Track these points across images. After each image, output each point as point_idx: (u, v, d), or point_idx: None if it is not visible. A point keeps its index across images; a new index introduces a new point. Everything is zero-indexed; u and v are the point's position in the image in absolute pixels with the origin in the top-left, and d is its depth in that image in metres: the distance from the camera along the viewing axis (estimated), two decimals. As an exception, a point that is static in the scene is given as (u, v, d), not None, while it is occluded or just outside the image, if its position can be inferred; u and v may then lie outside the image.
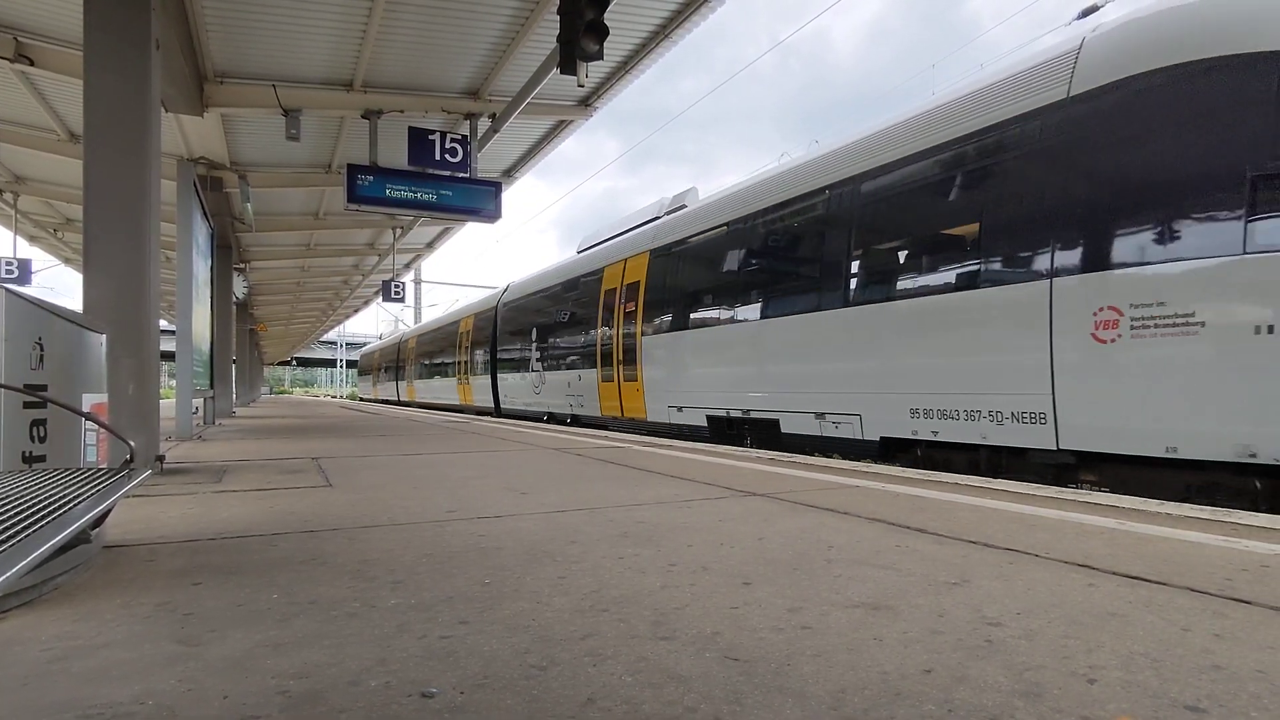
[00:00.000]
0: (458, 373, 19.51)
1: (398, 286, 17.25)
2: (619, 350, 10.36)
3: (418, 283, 41.01)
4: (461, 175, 8.69)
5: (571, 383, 11.89)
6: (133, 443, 2.30)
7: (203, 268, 9.05)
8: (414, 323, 35.17)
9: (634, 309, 10.01)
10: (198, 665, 1.41)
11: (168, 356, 7.54)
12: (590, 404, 11.26)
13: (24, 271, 14.77)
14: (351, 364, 55.47)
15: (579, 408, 11.70)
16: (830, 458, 5.15)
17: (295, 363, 76.97)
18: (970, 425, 5.33)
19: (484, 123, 8.70)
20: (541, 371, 13.43)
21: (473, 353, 18.29)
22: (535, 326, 14.08)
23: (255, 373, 32.94)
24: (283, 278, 20.50)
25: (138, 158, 4.60)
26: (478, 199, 8.85)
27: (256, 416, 14.70)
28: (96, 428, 2.74)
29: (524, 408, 14.41)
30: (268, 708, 1.23)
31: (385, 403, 30.21)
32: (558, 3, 5.62)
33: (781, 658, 1.44)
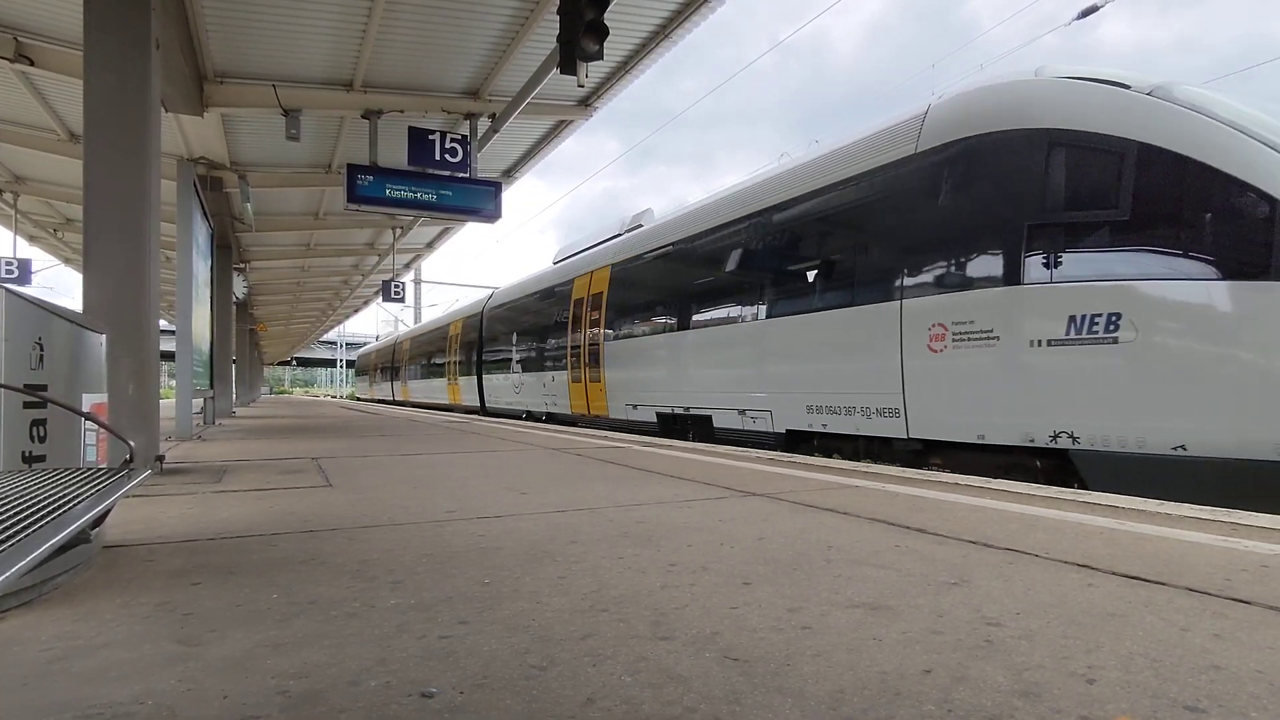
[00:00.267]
0: (447, 373, 20.36)
1: (398, 286, 17.25)
2: (586, 354, 11.34)
3: (418, 283, 41.00)
4: (461, 175, 8.69)
5: (546, 383, 12.91)
6: (132, 443, 2.30)
7: (203, 268, 9.05)
8: (414, 323, 35.25)
9: (598, 317, 11.03)
10: (197, 665, 1.41)
11: (168, 356, 7.54)
12: (562, 403, 12.20)
13: (24, 271, 14.76)
14: (351, 364, 55.52)
15: (553, 406, 12.67)
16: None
17: (295, 363, 76.96)
18: (849, 419, 6.37)
19: (484, 123, 8.70)
20: (521, 373, 14.45)
21: (461, 355, 19.16)
22: (516, 331, 15.11)
23: (255, 373, 32.94)
24: (282, 278, 20.50)
25: (138, 158, 4.60)
26: (478, 199, 8.85)
27: (256, 416, 14.70)
28: (96, 428, 2.74)
29: (506, 406, 15.36)
30: (267, 708, 1.23)
31: (381, 402, 30.77)
32: (558, 3, 5.63)
33: (781, 658, 1.44)
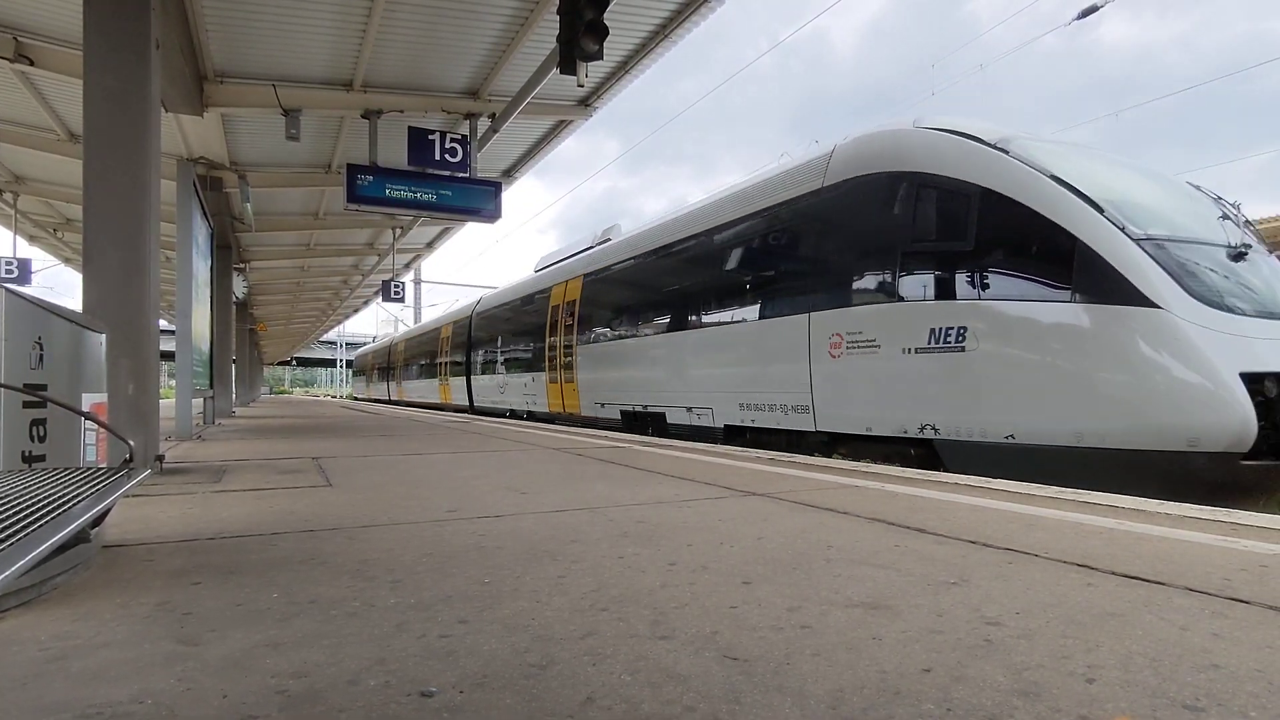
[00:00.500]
0: (439, 374, 21.38)
1: (397, 286, 17.26)
2: (561, 357, 12.30)
3: (418, 283, 41.01)
4: (461, 175, 8.69)
5: (527, 384, 13.92)
6: (132, 442, 2.30)
7: (202, 268, 9.04)
8: (414, 322, 35.33)
9: (571, 324, 11.98)
10: (197, 665, 1.41)
11: (167, 356, 7.55)
12: (541, 402, 13.17)
13: (24, 271, 14.77)
14: (351, 364, 55.57)
15: (533, 405, 13.63)
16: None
17: (295, 363, 76.92)
18: (772, 415, 7.26)
19: (484, 123, 8.71)
20: (505, 374, 15.52)
21: (451, 357, 20.14)
22: (500, 335, 16.17)
23: (255, 372, 32.93)
24: (282, 277, 20.50)
25: (138, 158, 4.60)
26: (477, 199, 8.85)
27: (256, 416, 14.70)
28: (96, 427, 2.74)
29: (492, 405, 16.27)
30: (267, 707, 1.23)
31: (378, 401, 31.45)
32: (558, 3, 5.63)
33: (780, 657, 1.44)
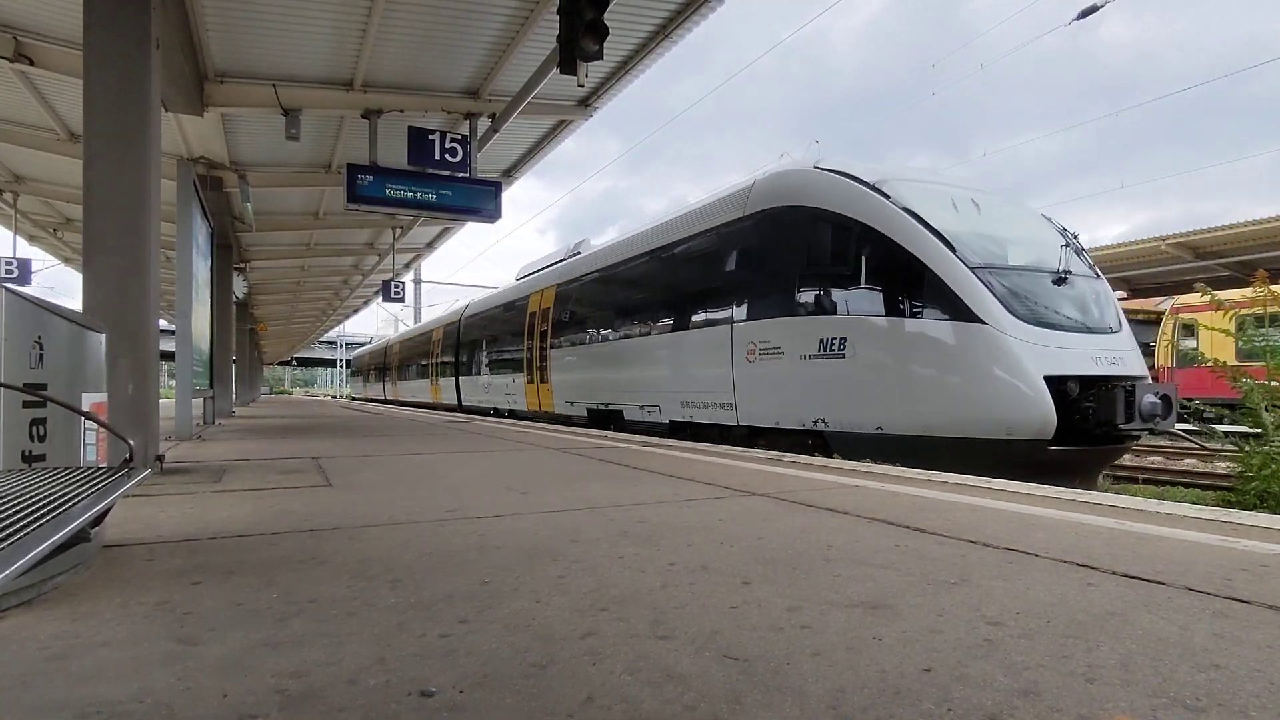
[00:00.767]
0: (431, 375, 22.47)
1: (397, 286, 17.27)
2: (537, 360, 13.33)
3: (418, 283, 40.97)
4: (461, 175, 8.68)
5: (508, 384, 15.02)
6: (132, 442, 2.30)
7: (203, 268, 9.04)
8: (414, 322, 35.40)
9: (546, 330, 13.04)
10: (196, 664, 1.41)
11: (167, 356, 7.54)
12: (520, 401, 14.23)
13: (24, 271, 14.78)
14: (350, 364, 55.61)
15: (513, 404, 14.67)
16: (821, 456, 6.21)
17: (295, 362, 76.88)
18: (705, 411, 8.37)
19: (484, 123, 8.70)
20: (489, 375, 16.68)
21: (442, 358, 21.17)
22: (485, 339, 17.30)
23: (255, 372, 32.92)
24: (282, 277, 20.50)
25: (138, 158, 4.60)
26: (478, 199, 8.85)
27: (256, 416, 14.69)
28: (96, 427, 2.74)
29: (478, 404, 17.34)
30: (266, 706, 1.23)
31: (374, 401, 32.33)
32: (557, 2, 5.62)
33: (781, 657, 1.44)
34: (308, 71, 7.75)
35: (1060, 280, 6.43)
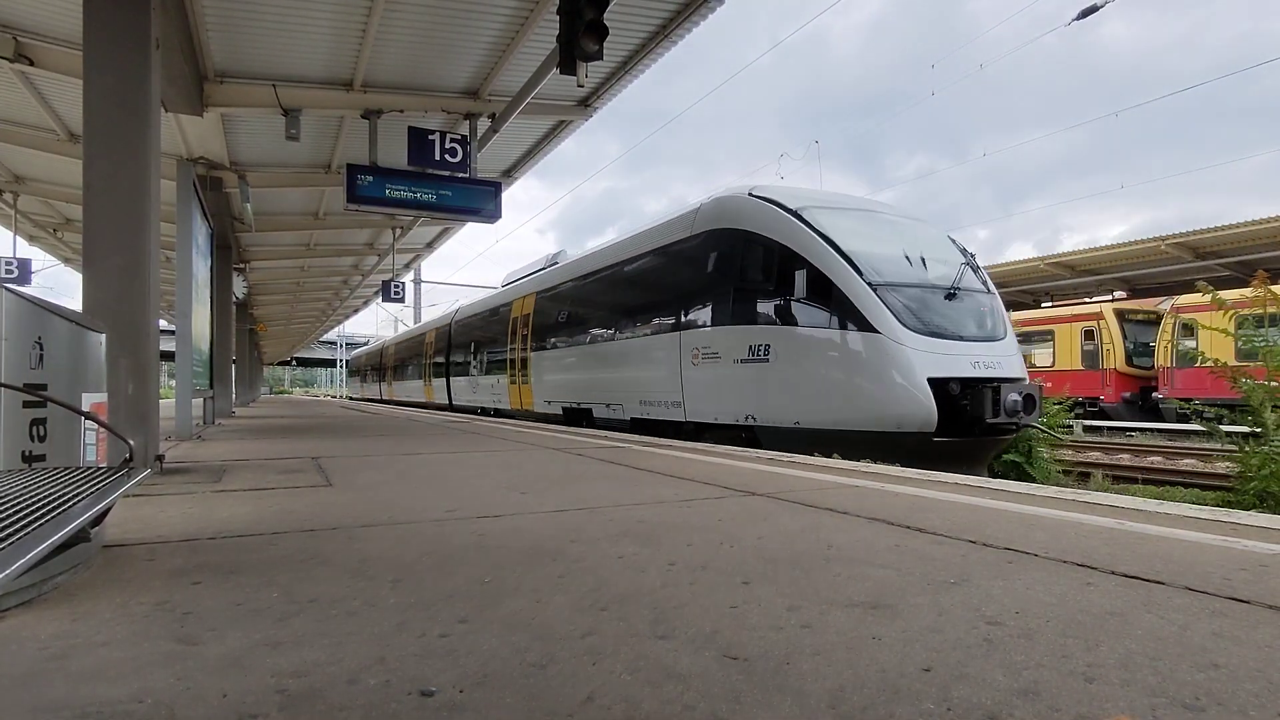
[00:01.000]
0: (423, 375, 23.40)
1: (397, 286, 17.26)
2: (519, 362, 14.24)
3: (417, 283, 40.92)
4: (461, 175, 8.68)
5: (494, 385, 15.92)
6: (132, 442, 2.30)
7: (202, 268, 9.04)
8: (413, 323, 35.47)
9: (526, 334, 13.96)
10: (196, 664, 1.41)
11: (167, 356, 7.53)
12: (504, 400, 15.06)
13: (24, 271, 14.77)
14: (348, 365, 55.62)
15: (499, 403, 15.48)
16: (824, 456, 6.06)
17: (295, 362, 76.85)
18: (660, 409, 9.22)
19: (484, 123, 8.70)
20: (477, 376, 17.51)
21: (433, 360, 22.06)
22: (473, 341, 18.13)
23: (255, 372, 32.92)
24: (282, 278, 20.49)
25: (138, 158, 4.59)
26: (477, 199, 8.85)
27: (256, 416, 14.69)
28: (96, 427, 2.74)
29: (467, 403, 18.17)
30: (266, 706, 1.23)
31: (370, 400, 33.17)
32: (557, 2, 5.62)
33: (780, 656, 1.44)
34: (307, 71, 7.75)
35: (951, 295, 7.42)
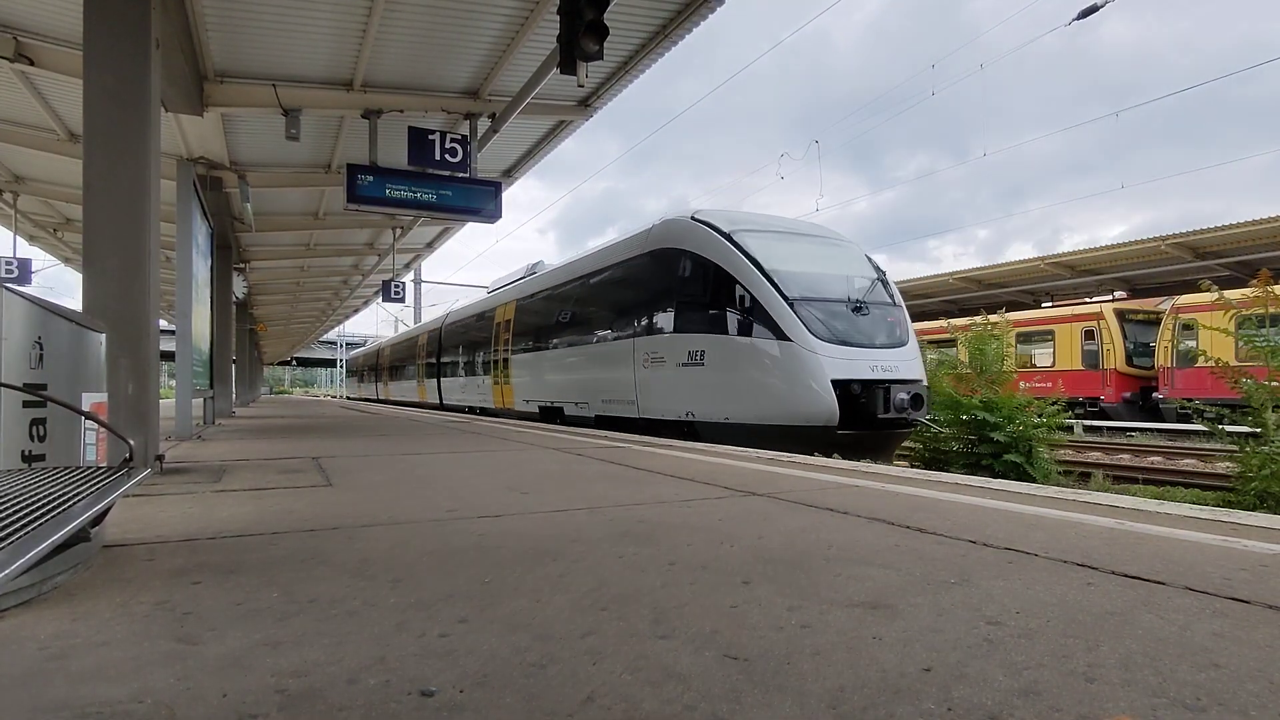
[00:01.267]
0: (417, 376, 24.43)
1: (397, 286, 17.28)
2: (501, 364, 15.37)
3: (418, 283, 40.87)
4: (461, 175, 8.68)
5: (479, 385, 17.05)
6: (132, 442, 2.30)
7: (202, 268, 9.04)
8: (413, 323, 35.53)
9: (508, 338, 15.08)
10: (196, 664, 1.41)
11: (167, 356, 7.53)
12: (488, 399, 16.13)
13: (24, 271, 14.77)
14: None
15: (483, 402, 16.59)
16: (824, 456, 6.19)
17: (295, 362, 76.85)
18: (619, 407, 10.24)
19: (484, 123, 8.70)
20: (464, 377, 18.60)
21: (425, 361, 23.09)
22: (461, 344, 19.14)
23: (255, 372, 32.91)
24: (282, 277, 20.49)
25: (137, 158, 4.59)
26: (478, 199, 8.85)
27: (256, 416, 14.69)
28: (96, 427, 2.74)
29: (456, 403, 19.17)
30: (266, 706, 1.23)
31: (367, 400, 34.11)
32: (557, 2, 5.62)
33: (780, 656, 1.44)
34: (308, 71, 7.75)
35: (858, 308, 8.50)
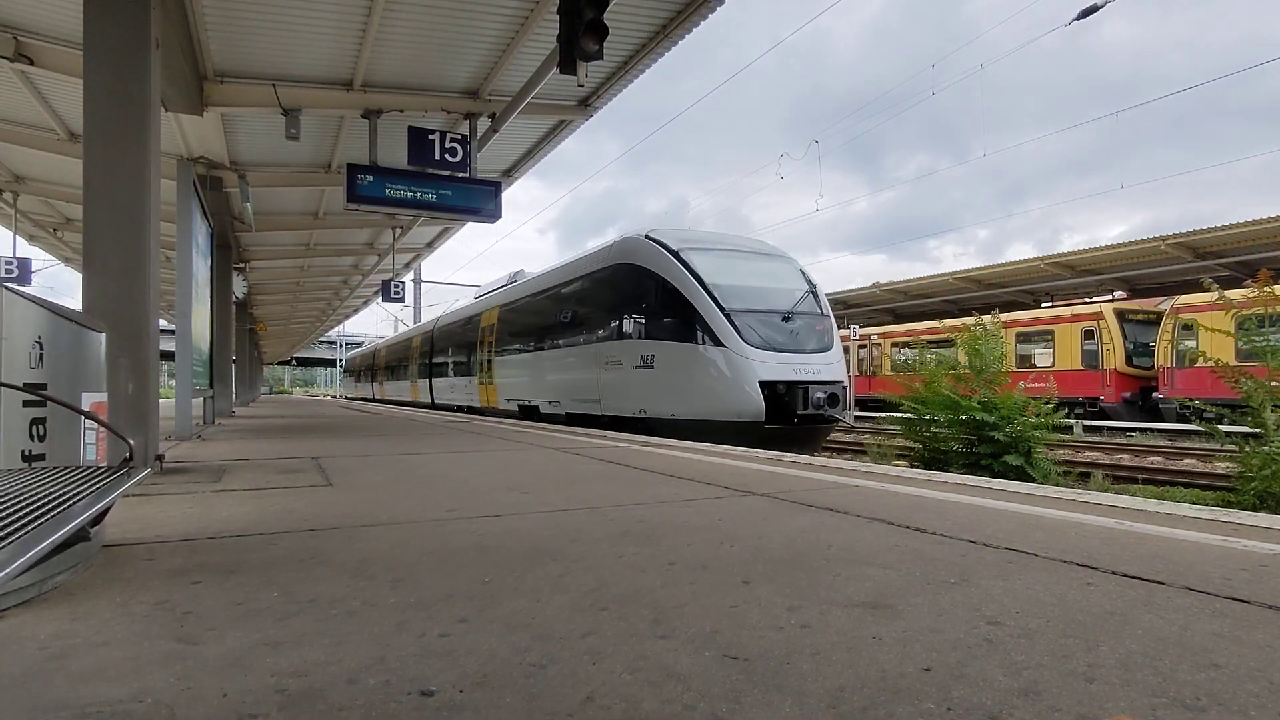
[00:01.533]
0: (410, 376, 25.46)
1: (397, 286, 17.27)
2: (486, 365, 16.50)
3: (417, 283, 40.88)
4: (461, 175, 8.68)
5: (466, 385, 18.15)
6: (132, 441, 2.30)
7: (202, 267, 9.03)
8: (413, 322, 35.57)
9: (492, 341, 16.23)
10: (196, 664, 1.41)
11: (167, 356, 7.53)
12: (475, 398, 17.22)
13: (24, 271, 14.77)
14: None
15: (470, 401, 17.67)
16: (831, 456, 6.15)
17: (295, 362, 76.84)
18: (585, 404, 11.21)
19: (484, 123, 8.70)
20: (453, 377, 19.65)
21: (419, 362, 24.15)
22: (451, 346, 20.21)
23: (255, 372, 32.90)
24: (282, 277, 20.49)
25: (137, 157, 4.59)
26: (477, 199, 8.85)
27: (256, 416, 14.69)
28: (96, 427, 2.74)
29: (446, 402, 20.22)
30: (265, 706, 1.23)
31: (363, 400, 35.12)
32: (557, 2, 5.62)
33: (780, 656, 1.44)
34: (307, 71, 7.75)
35: (787, 318, 9.54)
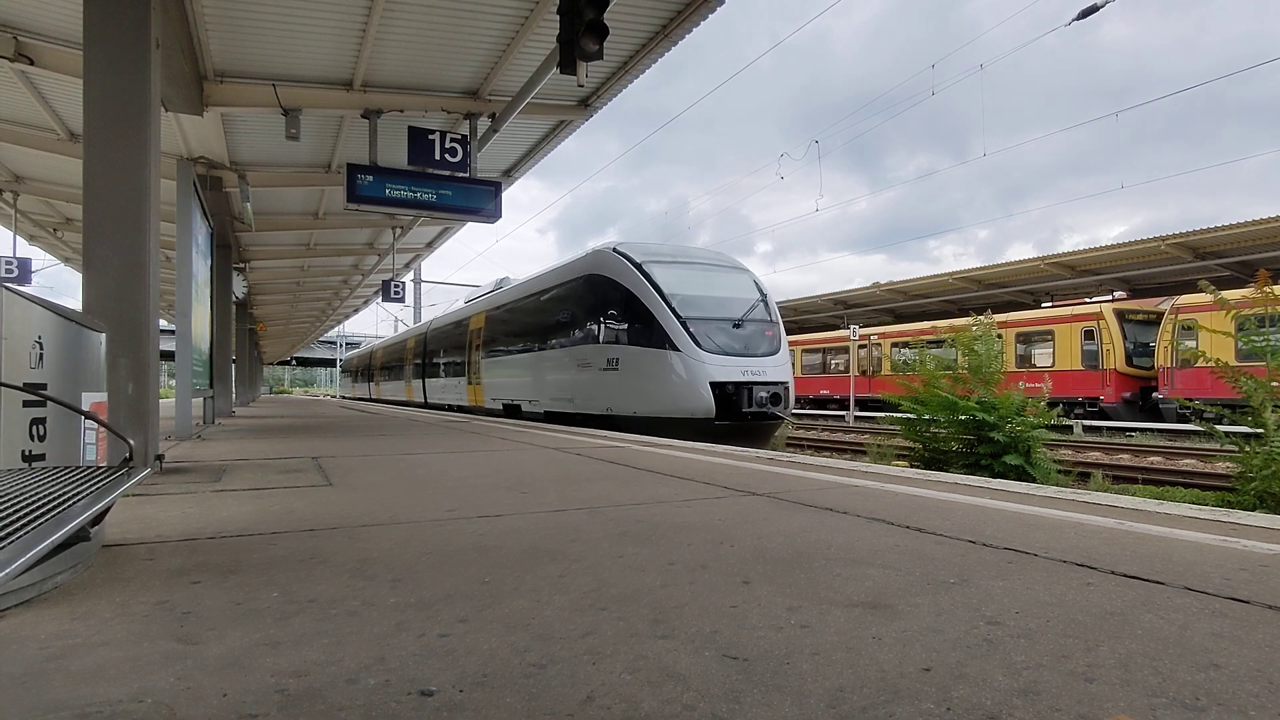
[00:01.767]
0: (405, 377, 26.42)
1: (397, 286, 17.27)
2: (473, 367, 17.63)
3: (417, 283, 40.86)
4: (461, 175, 8.68)
5: (456, 385, 19.30)
6: (132, 441, 2.30)
7: (202, 267, 9.03)
8: (413, 322, 35.60)
9: (479, 344, 17.30)
10: (196, 664, 1.41)
11: (167, 356, 7.53)
12: (464, 398, 18.29)
13: (24, 271, 14.76)
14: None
15: (459, 400, 18.78)
16: (830, 457, 6.22)
17: (295, 362, 76.86)
18: (560, 403, 12.22)
19: (484, 123, 8.69)
20: (444, 378, 20.70)
21: (413, 363, 25.10)
22: (441, 349, 21.25)
23: (255, 372, 32.92)
24: (282, 277, 20.49)
25: (137, 157, 4.58)
26: (477, 199, 8.85)
27: (256, 416, 14.69)
28: (96, 427, 2.74)
29: (437, 401, 21.22)
30: (265, 706, 1.23)
31: (361, 399, 35.99)
32: (557, 2, 5.62)
33: (780, 656, 1.44)
34: (307, 71, 7.75)
35: (738, 325, 10.60)
